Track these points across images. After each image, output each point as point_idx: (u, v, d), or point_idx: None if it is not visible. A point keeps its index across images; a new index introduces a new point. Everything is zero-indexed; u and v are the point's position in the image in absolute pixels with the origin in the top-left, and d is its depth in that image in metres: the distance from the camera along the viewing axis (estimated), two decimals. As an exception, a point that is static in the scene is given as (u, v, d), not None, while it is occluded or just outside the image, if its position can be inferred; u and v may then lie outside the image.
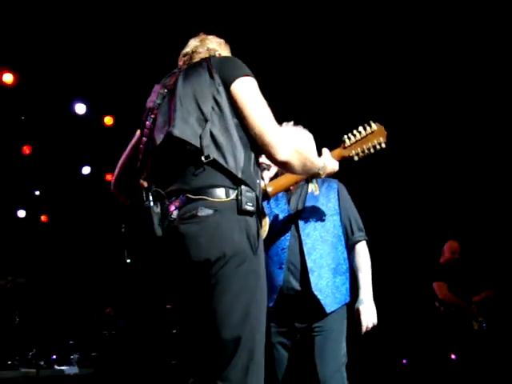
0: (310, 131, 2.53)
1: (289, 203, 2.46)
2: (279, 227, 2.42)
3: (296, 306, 2.35)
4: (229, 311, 1.55)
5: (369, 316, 2.35)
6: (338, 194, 2.48)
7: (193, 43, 1.91)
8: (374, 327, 2.38)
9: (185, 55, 1.90)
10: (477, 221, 5.56)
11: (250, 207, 1.61)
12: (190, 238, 1.57)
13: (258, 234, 1.65)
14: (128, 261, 1.72)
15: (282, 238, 2.39)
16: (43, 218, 6.89)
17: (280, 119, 1.93)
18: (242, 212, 1.60)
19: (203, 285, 1.57)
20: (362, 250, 2.46)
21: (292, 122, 2.50)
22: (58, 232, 6.55)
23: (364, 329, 2.35)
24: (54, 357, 5.08)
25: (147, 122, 1.78)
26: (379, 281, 2.64)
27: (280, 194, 2.44)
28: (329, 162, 2.11)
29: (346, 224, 2.46)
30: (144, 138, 1.78)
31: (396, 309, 5.47)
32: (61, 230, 6.52)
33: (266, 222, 1.93)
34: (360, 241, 2.47)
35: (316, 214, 2.41)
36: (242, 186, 1.62)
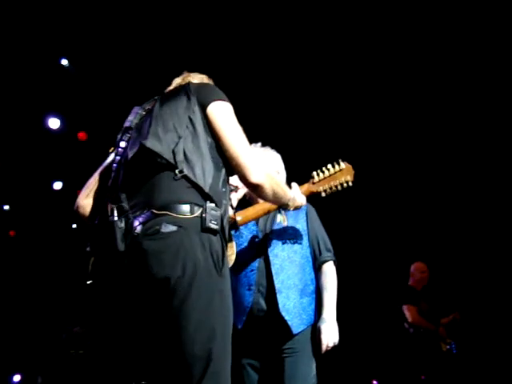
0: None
1: (257, 224, 2.47)
2: (248, 248, 2.43)
3: (265, 327, 2.35)
4: (194, 330, 1.53)
5: (329, 335, 2.35)
6: (307, 215, 2.51)
7: (176, 81, 1.96)
8: (336, 347, 2.38)
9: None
10: (443, 243, 5.66)
11: (213, 225, 1.62)
12: (152, 255, 1.56)
13: (223, 253, 1.64)
14: (88, 282, 1.69)
15: (251, 259, 2.40)
16: (11, 233, 6.74)
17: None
18: (205, 230, 1.60)
19: (165, 303, 1.55)
20: (329, 270, 2.48)
21: (260, 143, 2.54)
22: (25, 248, 6.41)
23: (324, 348, 2.35)
24: (18, 378, 4.92)
25: (122, 141, 1.81)
26: (349, 302, 2.65)
27: None
28: (298, 195, 2.15)
29: (313, 244, 2.49)
30: (117, 157, 1.79)
31: (366, 330, 5.50)
32: (29, 246, 6.38)
33: (233, 246, 1.94)
34: (327, 261, 2.49)
35: (284, 235, 2.43)
36: (208, 204, 1.63)
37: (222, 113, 1.74)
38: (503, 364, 5.02)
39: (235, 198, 2.33)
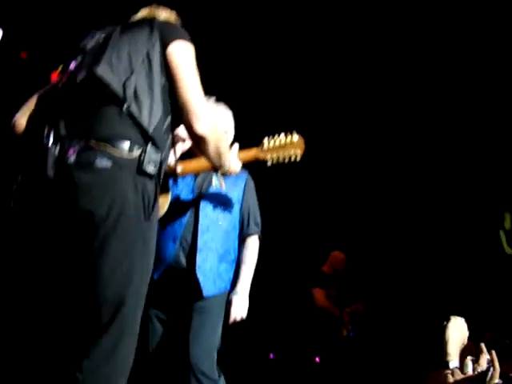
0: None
1: (195, 180, 2.44)
2: (180, 202, 2.40)
3: (180, 283, 2.35)
4: (111, 272, 1.50)
5: (239, 309, 2.39)
6: (245, 185, 2.51)
7: (143, 12, 1.86)
8: (243, 321, 2.42)
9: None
10: (361, 235, 5.86)
11: (151, 169, 1.57)
12: (81, 187, 1.50)
13: (155, 199, 1.60)
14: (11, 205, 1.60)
15: (181, 212, 2.38)
16: None
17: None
18: (141, 172, 1.55)
19: (86, 239, 1.50)
20: (252, 244, 2.51)
21: (214, 98, 2.47)
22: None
23: (231, 320, 2.38)
24: None
25: (73, 62, 1.70)
26: (263, 278, 2.67)
27: None
28: (233, 160, 2.07)
29: (244, 215, 2.49)
30: (65, 78, 1.69)
31: (276, 307, 5.64)
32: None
33: (169, 196, 1.91)
34: (253, 234, 2.51)
35: (219, 198, 2.42)
36: (149, 146, 1.57)
37: (183, 54, 1.67)
38: (393, 353, 5.33)
39: (180, 149, 2.27)
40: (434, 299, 5.26)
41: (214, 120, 1.69)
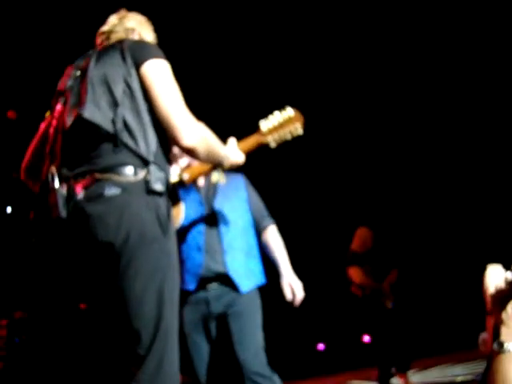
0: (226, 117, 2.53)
1: (199, 190, 2.48)
2: (192, 211, 2.43)
3: (214, 289, 2.37)
4: (141, 295, 1.52)
5: (295, 289, 2.44)
6: (245, 185, 2.58)
7: (111, 21, 1.88)
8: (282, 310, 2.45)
9: (102, 33, 1.87)
10: (386, 208, 5.84)
11: (159, 187, 1.59)
12: (96, 219, 1.52)
13: (169, 215, 1.63)
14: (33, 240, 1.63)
15: (197, 221, 2.41)
16: None
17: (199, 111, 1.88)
18: (150, 192, 1.58)
19: (112, 268, 1.53)
20: (273, 233, 2.58)
21: None
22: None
23: (298, 301, 2.43)
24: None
25: (57, 105, 1.73)
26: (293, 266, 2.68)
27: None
28: (233, 153, 2.03)
29: (254, 212, 2.55)
30: (54, 121, 1.72)
31: (312, 294, 5.61)
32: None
33: (181, 207, 1.91)
34: (269, 225, 2.58)
35: (227, 200, 2.47)
36: (151, 166, 1.60)
37: (155, 71, 1.67)
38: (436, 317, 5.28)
39: (182, 163, 2.29)
40: (462, 255, 5.20)
41: (197, 127, 1.69)
